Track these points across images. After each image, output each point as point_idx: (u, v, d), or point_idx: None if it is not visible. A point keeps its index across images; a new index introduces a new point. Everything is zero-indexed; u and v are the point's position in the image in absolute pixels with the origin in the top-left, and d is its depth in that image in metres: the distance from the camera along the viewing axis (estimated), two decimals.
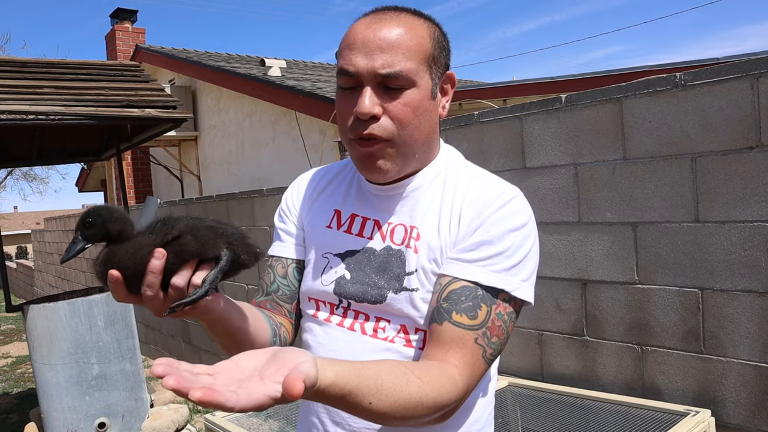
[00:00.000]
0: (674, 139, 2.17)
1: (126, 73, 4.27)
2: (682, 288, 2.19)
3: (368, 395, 0.75)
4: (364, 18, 0.95)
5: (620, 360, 2.38)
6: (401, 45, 0.91)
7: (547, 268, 2.61)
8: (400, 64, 0.90)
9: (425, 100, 0.94)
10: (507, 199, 0.95)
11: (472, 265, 0.90)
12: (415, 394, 0.78)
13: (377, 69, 0.89)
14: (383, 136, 0.92)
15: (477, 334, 0.87)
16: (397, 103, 0.91)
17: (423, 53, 0.93)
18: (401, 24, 0.92)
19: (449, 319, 0.87)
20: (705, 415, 2.06)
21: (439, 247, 0.94)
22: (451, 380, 0.83)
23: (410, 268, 0.95)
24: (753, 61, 1.99)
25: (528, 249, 0.93)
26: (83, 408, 3.27)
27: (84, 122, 3.41)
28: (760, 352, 2.02)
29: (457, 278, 0.90)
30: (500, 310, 0.89)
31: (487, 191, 0.96)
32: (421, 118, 0.94)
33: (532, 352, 2.70)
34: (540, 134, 2.59)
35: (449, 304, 0.88)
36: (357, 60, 0.91)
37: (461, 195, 0.97)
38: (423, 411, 0.79)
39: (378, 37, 0.90)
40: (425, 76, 0.93)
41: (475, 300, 0.88)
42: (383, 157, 0.94)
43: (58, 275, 11.33)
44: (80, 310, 3.30)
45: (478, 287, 0.89)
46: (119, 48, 11.20)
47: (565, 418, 2.36)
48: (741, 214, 2.03)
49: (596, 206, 2.42)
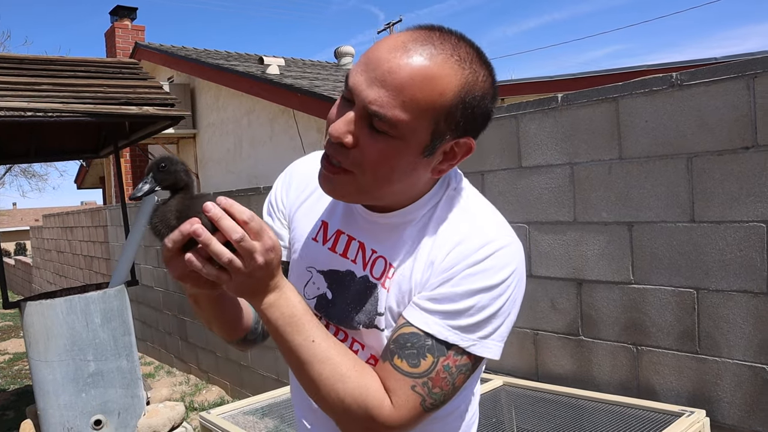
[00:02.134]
0: (670, 139, 2.17)
1: (124, 71, 4.26)
2: (678, 288, 2.19)
3: (315, 334, 0.84)
4: (399, 34, 0.82)
5: (615, 360, 2.39)
6: (406, 90, 0.77)
7: (542, 268, 2.61)
8: (392, 111, 0.78)
9: (408, 156, 0.83)
10: (486, 255, 0.86)
11: (429, 316, 0.85)
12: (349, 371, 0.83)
13: (367, 102, 0.79)
14: (345, 167, 0.84)
15: (416, 382, 0.83)
16: (373, 147, 0.81)
17: (431, 110, 0.79)
18: (428, 65, 0.78)
19: (391, 360, 0.85)
20: (700, 416, 2.06)
21: (408, 290, 0.90)
22: (384, 402, 0.83)
23: (381, 309, 0.91)
24: (749, 61, 1.99)
25: (496, 308, 0.86)
26: (79, 405, 3.27)
27: (82, 119, 3.40)
28: (755, 353, 2.02)
29: (410, 323, 0.86)
30: (449, 362, 0.84)
31: (468, 242, 0.87)
32: (394, 173, 0.84)
33: (527, 352, 2.70)
34: (536, 133, 2.59)
35: (395, 347, 0.86)
36: (358, 78, 0.81)
37: (442, 239, 0.89)
38: (343, 394, 0.83)
39: (389, 68, 0.78)
40: (421, 133, 0.81)
41: (421, 349, 0.84)
42: (339, 186, 0.87)
43: (56, 272, 11.32)
44: (77, 307, 3.30)
45: (429, 337, 0.84)
46: (118, 45, 11.20)
47: (560, 418, 2.36)
48: (736, 215, 2.03)
49: (592, 206, 2.42)
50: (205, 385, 5.66)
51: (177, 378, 6.08)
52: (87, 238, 8.98)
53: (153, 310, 6.74)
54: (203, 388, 5.61)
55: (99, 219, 8.34)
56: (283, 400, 2.75)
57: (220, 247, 0.77)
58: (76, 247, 9.69)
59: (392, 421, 0.83)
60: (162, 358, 6.77)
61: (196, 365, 5.92)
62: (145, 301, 6.91)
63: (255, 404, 2.71)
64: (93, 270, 8.79)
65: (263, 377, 4.71)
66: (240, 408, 2.67)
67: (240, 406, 2.69)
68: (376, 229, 0.95)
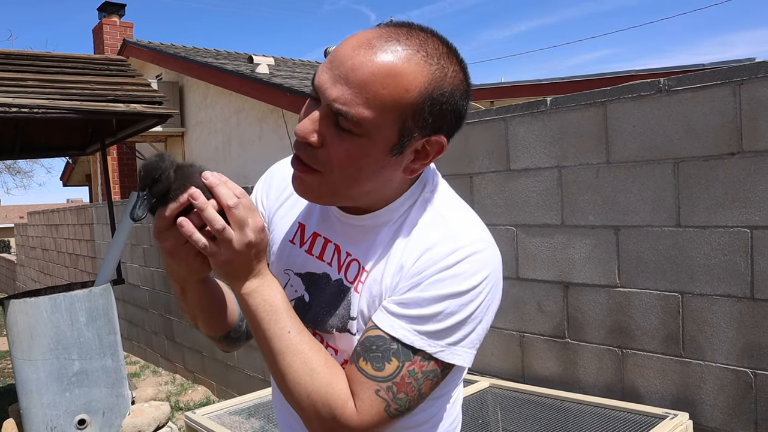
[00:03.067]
0: (657, 144, 2.19)
1: (112, 68, 4.24)
2: (663, 292, 2.21)
3: (291, 326, 0.85)
4: (364, 33, 0.81)
5: (601, 363, 2.40)
6: (369, 87, 0.76)
7: (529, 270, 2.63)
8: (355, 108, 0.77)
9: (376, 155, 0.81)
10: (455, 261, 0.83)
11: (396, 320, 0.83)
12: (319, 366, 0.84)
13: (330, 99, 0.78)
14: (313, 167, 0.83)
15: (380, 386, 0.82)
16: (339, 145, 0.80)
17: (396, 107, 0.78)
18: (392, 60, 0.77)
19: (356, 363, 0.84)
20: (683, 418, 2.08)
21: (379, 294, 0.88)
22: (347, 404, 0.82)
23: (353, 313, 0.90)
24: (735, 68, 2.01)
25: (466, 315, 0.84)
26: (63, 404, 3.24)
27: (68, 116, 3.37)
28: (738, 356, 2.04)
29: (377, 327, 0.84)
30: (414, 367, 0.82)
31: (439, 247, 0.85)
32: (362, 171, 0.82)
33: (514, 354, 2.71)
34: (525, 136, 2.60)
35: (361, 350, 0.84)
36: (323, 77, 0.80)
37: (414, 243, 0.87)
38: (311, 388, 0.82)
39: (352, 66, 0.77)
40: (387, 131, 0.79)
41: (386, 352, 0.83)
42: (308, 185, 0.85)
43: (41, 270, 11.21)
44: (62, 305, 3.27)
45: (395, 341, 0.83)
46: (106, 42, 11.11)
47: (546, 419, 2.37)
48: (722, 220, 2.05)
49: (579, 209, 2.43)
50: (191, 385, 5.63)
51: (163, 377, 6.05)
52: (73, 236, 8.91)
53: (139, 309, 6.69)
54: (189, 387, 5.58)
55: (85, 217, 8.27)
56: (269, 400, 2.74)
57: (214, 213, 0.78)
58: (62, 245, 9.61)
59: (354, 425, 0.82)
60: (148, 357, 6.73)
61: (182, 365, 5.89)
62: (131, 300, 6.86)
63: (241, 404, 2.70)
64: (78, 268, 8.72)
65: (249, 377, 4.70)
66: (226, 408, 2.66)
67: (226, 406, 2.68)
68: (351, 231, 0.94)
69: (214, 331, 1.02)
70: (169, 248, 0.81)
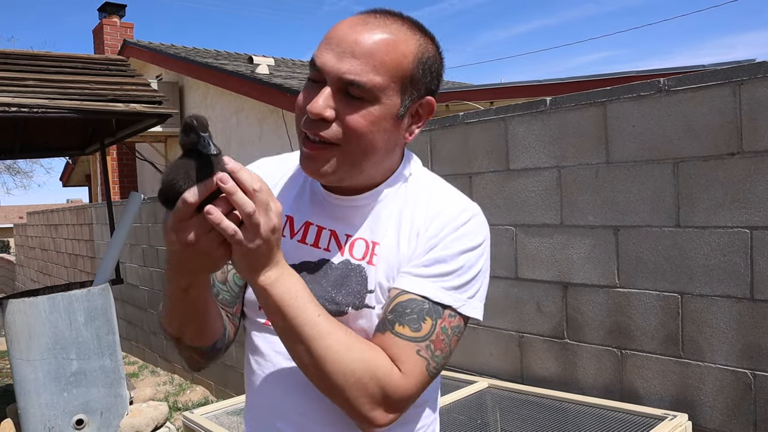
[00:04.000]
0: (657, 144, 2.19)
1: (111, 68, 4.24)
2: (663, 292, 2.20)
3: (320, 309, 0.84)
4: (353, 16, 0.91)
5: (600, 363, 2.39)
6: (375, 56, 0.85)
7: (528, 270, 2.62)
8: (367, 76, 0.85)
9: (386, 119, 0.89)
10: (465, 219, 0.94)
11: (423, 280, 0.90)
12: (354, 341, 0.85)
13: (342, 73, 0.85)
14: (331, 141, 0.87)
15: (420, 346, 0.87)
16: (354, 114, 0.86)
17: (398, 71, 0.87)
18: (387, 33, 0.87)
19: (392, 329, 0.87)
20: (682, 419, 2.07)
21: (397, 264, 0.93)
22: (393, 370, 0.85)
23: (371, 286, 0.93)
24: (735, 68, 2.00)
25: (480, 268, 0.94)
26: (61, 404, 3.24)
27: (67, 116, 3.37)
28: (737, 357, 2.03)
29: (406, 291, 0.89)
30: (445, 324, 0.89)
31: (448, 210, 0.95)
32: (376, 135, 0.88)
33: (513, 354, 2.70)
34: (524, 136, 2.60)
35: (394, 316, 0.88)
36: (326, 57, 0.87)
37: (422, 212, 0.95)
38: (354, 363, 0.83)
39: (355, 39, 0.86)
40: (393, 96, 0.88)
41: (420, 313, 0.88)
42: (326, 162, 0.89)
43: (40, 270, 11.21)
44: (60, 305, 3.27)
45: (426, 301, 0.88)
46: (107, 42, 11.12)
47: (544, 420, 2.37)
48: (721, 220, 2.05)
49: (579, 209, 2.43)
50: (189, 385, 5.63)
51: (161, 378, 6.04)
52: (72, 236, 8.90)
53: (138, 309, 6.69)
54: (187, 388, 5.57)
55: (84, 217, 8.27)
56: None
57: (244, 197, 0.74)
58: (61, 245, 9.60)
59: (404, 389, 0.85)
60: (146, 357, 6.72)
61: (181, 365, 5.88)
62: (130, 300, 6.85)
63: (239, 404, 2.69)
64: (78, 268, 8.71)
65: None
66: (224, 408, 2.65)
67: (224, 406, 2.67)
68: (349, 214, 0.97)
69: (205, 340, 0.96)
70: (191, 239, 0.75)
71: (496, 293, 2.75)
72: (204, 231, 0.75)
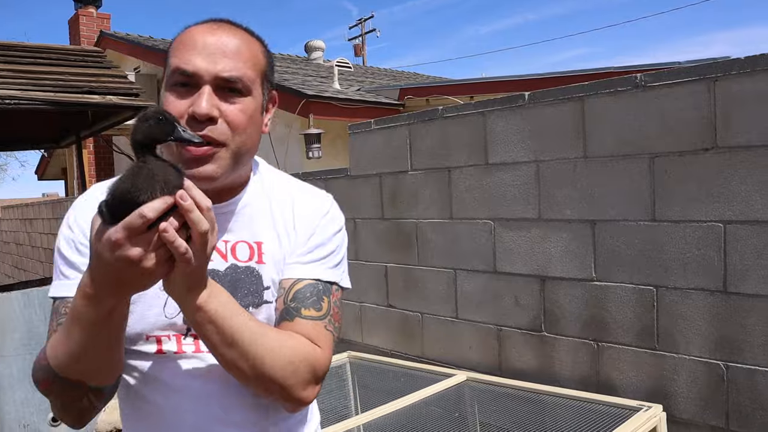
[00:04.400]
0: (634, 139, 2.21)
1: (87, 59, 4.17)
2: (638, 286, 2.23)
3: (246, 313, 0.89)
4: (201, 25, 0.96)
5: (577, 356, 2.42)
6: (242, 53, 0.93)
7: (506, 264, 2.64)
8: (241, 71, 0.92)
9: (257, 112, 0.96)
10: (329, 205, 1.06)
11: (312, 265, 1.00)
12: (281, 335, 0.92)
13: (219, 72, 0.90)
14: (219, 140, 0.91)
15: (325, 322, 0.97)
16: (234, 109, 0.92)
17: (259, 66, 0.96)
18: (240, 36, 0.95)
19: (299, 315, 0.95)
20: (657, 410, 2.10)
21: (282, 258, 1.00)
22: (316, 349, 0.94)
23: (267, 283, 0.99)
24: (711, 65, 2.03)
25: (345, 245, 1.07)
26: (36, 401, 3.19)
27: (41, 107, 3.31)
28: (710, 349, 2.07)
29: (301, 279, 0.98)
30: (335, 298, 1.01)
31: (313, 203, 1.05)
32: (252, 128, 0.96)
33: (491, 347, 2.72)
34: (503, 131, 2.61)
35: (297, 303, 0.96)
36: (197, 60, 0.90)
37: (289, 207, 1.03)
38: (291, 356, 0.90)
39: (221, 42, 0.92)
40: (259, 90, 0.96)
41: (318, 294, 0.98)
42: (216, 161, 0.91)
43: (15, 265, 11.03)
44: (35, 300, 3.21)
45: (319, 282, 0.99)
46: (83, 33, 10.93)
47: (522, 412, 2.39)
48: (696, 214, 2.07)
49: (556, 203, 2.44)
50: None
51: None
52: (47, 231, 8.77)
53: None
54: None
55: (60, 211, 8.15)
56: None
57: (200, 215, 0.74)
58: (36, 239, 9.45)
59: (325, 363, 0.95)
60: None
61: None
62: None
63: None
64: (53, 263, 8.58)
65: None
66: None
67: None
68: (221, 221, 0.94)
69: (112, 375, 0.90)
70: (137, 256, 0.72)
71: (474, 287, 2.77)
72: (152, 248, 0.72)
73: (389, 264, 3.17)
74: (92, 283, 0.76)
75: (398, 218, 3.11)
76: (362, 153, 3.29)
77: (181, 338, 0.96)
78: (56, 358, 0.85)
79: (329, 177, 3.50)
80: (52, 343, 0.87)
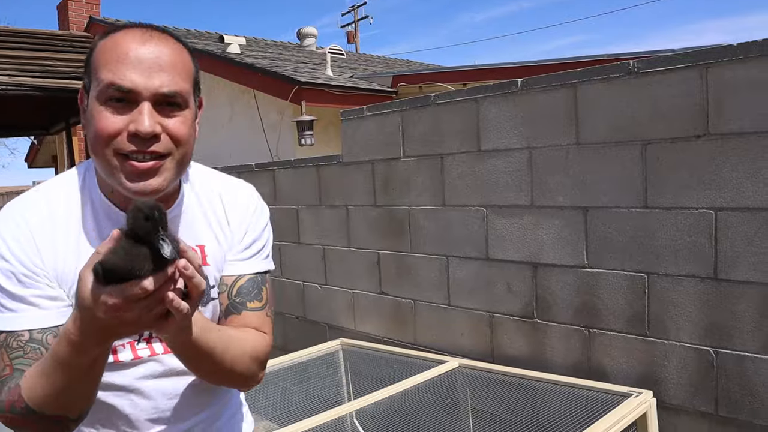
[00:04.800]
0: (626, 126, 2.20)
1: (75, 44, 4.13)
2: (630, 272, 2.23)
3: (215, 325, 0.96)
4: (131, 33, 0.92)
5: (568, 342, 2.43)
6: (176, 66, 0.93)
7: (499, 251, 2.64)
8: (178, 85, 0.92)
9: (193, 122, 0.98)
10: (256, 198, 1.13)
11: (251, 260, 1.09)
12: (243, 333, 1.02)
13: (158, 88, 0.90)
14: (164, 153, 0.92)
15: (266, 310, 1.08)
16: (176, 122, 0.93)
17: (190, 76, 0.96)
18: (171, 46, 0.94)
19: (246, 308, 1.05)
20: (647, 396, 2.12)
21: (222, 256, 1.07)
22: (266, 338, 1.06)
23: (212, 282, 1.05)
24: (703, 51, 2.02)
25: (271, 233, 1.15)
26: None
27: (29, 93, 3.28)
28: (700, 336, 2.08)
29: (242, 275, 1.07)
30: (268, 285, 1.11)
31: (241, 196, 1.11)
32: (191, 138, 0.97)
33: (483, 334, 2.73)
34: (496, 117, 2.60)
35: (242, 297, 1.06)
36: (133, 76, 0.89)
37: (220, 206, 1.08)
38: (255, 353, 1.00)
39: (155, 55, 0.91)
40: (192, 99, 0.97)
41: (258, 287, 1.08)
42: (161, 174, 0.93)
43: None
44: None
45: (257, 275, 1.09)
46: (72, 19, 10.80)
47: (514, 399, 2.40)
48: (687, 201, 2.08)
49: (549, 190, 2.44)
50: None
51: None
52: None
53: None
54: None
55: None
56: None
57: (200, 277, 0.78)
58: None
59: (270, 346, 1.06)
60: None
61: None
62: None
63: None
64: None
65: None
66: None
67: None
68: None
69: (82, 407, 0.90)
70: (133, 319, 0.74)
71: (467, 274, 2.77)
72: (149, 310, 0.75)
73: (382, 251, 3.17)
74: (79, 333, 0.77)
75: (391, 205, 3.10)
76: (355, 140, 3.27)
77: (134, 344, 1.00)
78: (36, 398, 0.85)
79: (321, 164, 3.49)
80: (29, 385, 0.85)
